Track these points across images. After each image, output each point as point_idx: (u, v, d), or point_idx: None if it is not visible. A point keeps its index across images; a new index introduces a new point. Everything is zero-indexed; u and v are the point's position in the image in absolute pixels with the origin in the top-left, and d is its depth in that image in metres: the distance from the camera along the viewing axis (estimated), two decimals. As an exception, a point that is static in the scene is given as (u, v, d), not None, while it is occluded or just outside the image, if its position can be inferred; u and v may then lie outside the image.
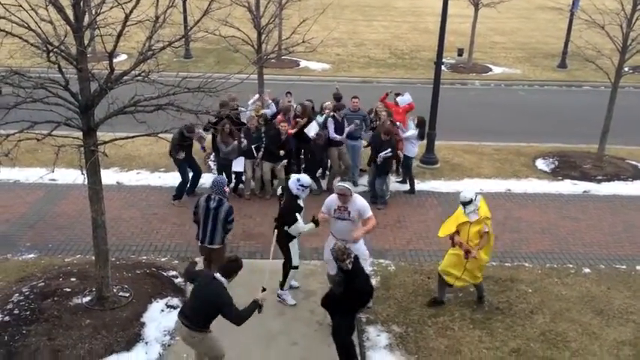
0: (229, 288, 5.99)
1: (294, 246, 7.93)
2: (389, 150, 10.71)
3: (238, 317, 5.91)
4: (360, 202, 7.84)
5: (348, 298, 6.67)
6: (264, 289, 6.27)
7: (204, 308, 5.90)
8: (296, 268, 8.02)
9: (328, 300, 6.95)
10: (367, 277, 7.11)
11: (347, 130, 11.43)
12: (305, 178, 7.95)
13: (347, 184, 7.88)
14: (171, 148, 10.67)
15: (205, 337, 6.06)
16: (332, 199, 7.87)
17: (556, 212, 11.24)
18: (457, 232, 7.78)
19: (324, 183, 11.90)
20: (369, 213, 7.78)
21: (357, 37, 29.46)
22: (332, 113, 11.52)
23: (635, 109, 17.84)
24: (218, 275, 5.94)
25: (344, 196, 7.68)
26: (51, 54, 6.31)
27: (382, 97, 12.39)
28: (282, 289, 8.09)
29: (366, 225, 7.76)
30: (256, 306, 6.05)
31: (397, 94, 12.42)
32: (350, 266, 6.54)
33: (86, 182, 7.06)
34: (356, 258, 6.72)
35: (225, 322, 5.95)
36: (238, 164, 11.16)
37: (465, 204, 7.63)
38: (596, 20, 12.78)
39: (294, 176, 8.08)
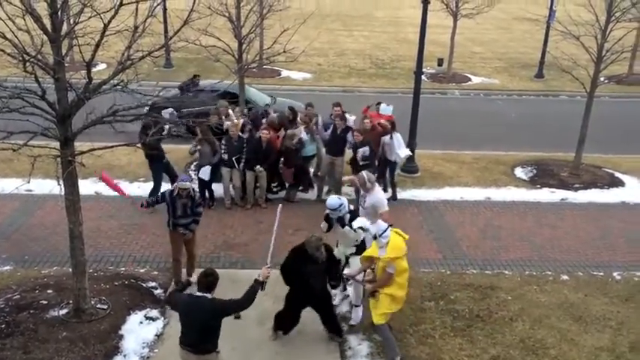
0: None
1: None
2: (366, 148, 10.77)
3: (242, 303, 5.83)
4: (376, 197, 8.27)
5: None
6: (267, 265, 6.26)
7: (206, 327, 5.76)
8: None
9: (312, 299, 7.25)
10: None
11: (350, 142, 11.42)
12: (329, 201, 7.81)
13: (365, 174, 8.43)
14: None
15: (217, 358, 5.96)
16: None
17: (534, 220, 11.37)
18: (373, 265, 7.23)
19: (312, 193, 11.95)
20: (383, 208, 8.10)
21: (337, 47, 29.65)
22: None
23: (611, 119, 18.17)
24: (200, 293, 5.83)
25: (363, 185, 8.32)
26: (27, 64, 6.25)
27: (364, 109, 12.45)
28: None
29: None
30: (258, 284, 5.95)
31: (379, 103, 12.51)
32: (323, 257, 6.91)
33: (63, 193, 6.97)
34: (329, 250, 7.13)
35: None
36: (204, 173, 11.00)
37: (374, 238, 7.04)
38: (571, 31, 13.03)
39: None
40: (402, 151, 11.82)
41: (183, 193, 8.20)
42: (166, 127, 9.99)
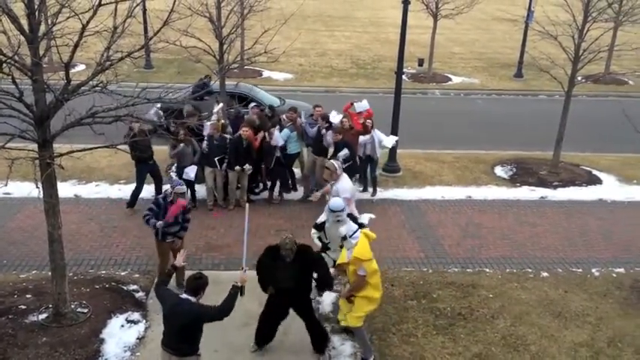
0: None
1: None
2: (345, 150, 10.79)
3: (221, 312, 5.78)
4: (341, 184, 8.55)
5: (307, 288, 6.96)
6: (242, 269, 6.20)
7: (185, 330, 5.77)
8: None
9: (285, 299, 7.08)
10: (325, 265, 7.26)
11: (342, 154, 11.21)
12: (334, 203, 7.65)
13: (334, 162, 8.77)
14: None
15: None
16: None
17: (515, 218, 11.51)
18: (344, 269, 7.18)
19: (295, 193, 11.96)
20: (344, 194, 8.33)
21: (319, 47, 29.66)
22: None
23: (588, 117, 18.47)
24: (185, 295, 5.83)
25: (329, 172, 8.60)
26: (4, 65, 6.15)
27: (346, 106, 12.48)
28: None
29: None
30: (237, 289, 5.91)
31: (351, 104, 12.55)
32: (291, 258, 6.75)
33: (42, 195, 6.88)
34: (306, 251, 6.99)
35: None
36: (190, 172, 10.95)
37: (342, 239, 7.05)
38: (549, 31, 13.20)
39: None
40: (388, 141, 11.90)
41: (177, 199, 8.03)
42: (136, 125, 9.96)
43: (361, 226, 7.48)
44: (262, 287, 7.12)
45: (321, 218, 8.02)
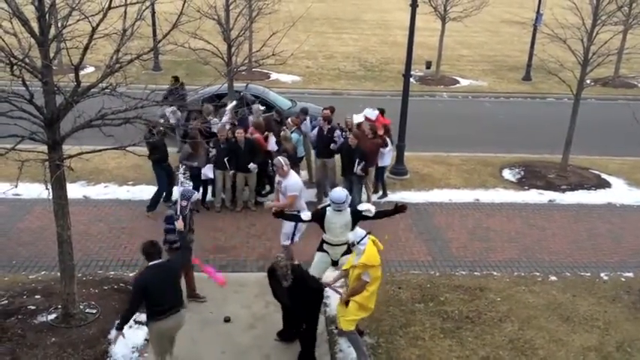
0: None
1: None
2: (362, 162, 10.75)
3: (186, 251, 7.22)
4: (290, 180, 8.45)
5: (303, 302, 6.86)
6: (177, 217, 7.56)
7: (176, 282, 6.58)
8: None
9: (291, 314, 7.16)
10: (314, 278, 7.28)
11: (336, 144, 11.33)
12: (335, 194, 7.66)
13: (281, 159, 8.60)
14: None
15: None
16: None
17: (523, 221, 11.46)
18: (347, 273, 7.29)
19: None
20: (291, 192, 8.37)
21: (326, 50, 29.68)
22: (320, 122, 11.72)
23: (597, 120, 18.36)
24: (156, 261, 6.47)
25: (279, 169, 8.51)
26: (15, 67, 6.21)
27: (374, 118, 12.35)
28: None
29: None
30: (181, 233, 7.24)
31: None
32: (289, 283, 6.74)
33: (51, 197, 6.93)
34: (296, 268, 6.94)
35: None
36: (209, 171, 11.00)
37: (352, 245, 7.10)
38: (558, 34, 13.14)
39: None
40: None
41: (193, 207, 8.00)
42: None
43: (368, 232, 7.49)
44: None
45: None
